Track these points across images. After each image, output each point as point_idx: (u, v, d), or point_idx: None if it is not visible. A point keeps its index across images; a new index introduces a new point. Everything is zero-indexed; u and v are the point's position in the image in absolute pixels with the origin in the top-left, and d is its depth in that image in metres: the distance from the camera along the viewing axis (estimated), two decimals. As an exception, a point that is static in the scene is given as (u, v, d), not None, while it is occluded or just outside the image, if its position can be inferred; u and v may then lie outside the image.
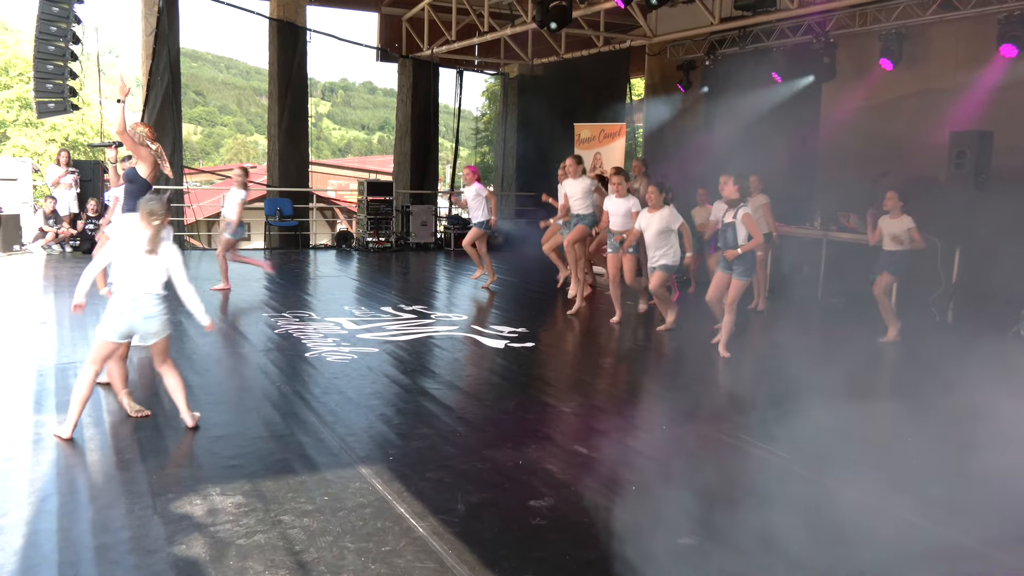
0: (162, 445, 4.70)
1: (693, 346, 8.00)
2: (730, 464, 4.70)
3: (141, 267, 4.79)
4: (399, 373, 6.51)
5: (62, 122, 31.76)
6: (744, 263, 7.16)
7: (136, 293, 4.78)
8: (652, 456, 4.76)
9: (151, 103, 14.20)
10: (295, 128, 15.83)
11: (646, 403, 5.87)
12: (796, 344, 7.59)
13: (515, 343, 7.69)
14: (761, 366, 7.01)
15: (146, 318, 4.79)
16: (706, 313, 9.12)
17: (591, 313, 9.66)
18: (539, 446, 4.88)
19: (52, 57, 12.37)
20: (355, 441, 4.89)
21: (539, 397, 5.96)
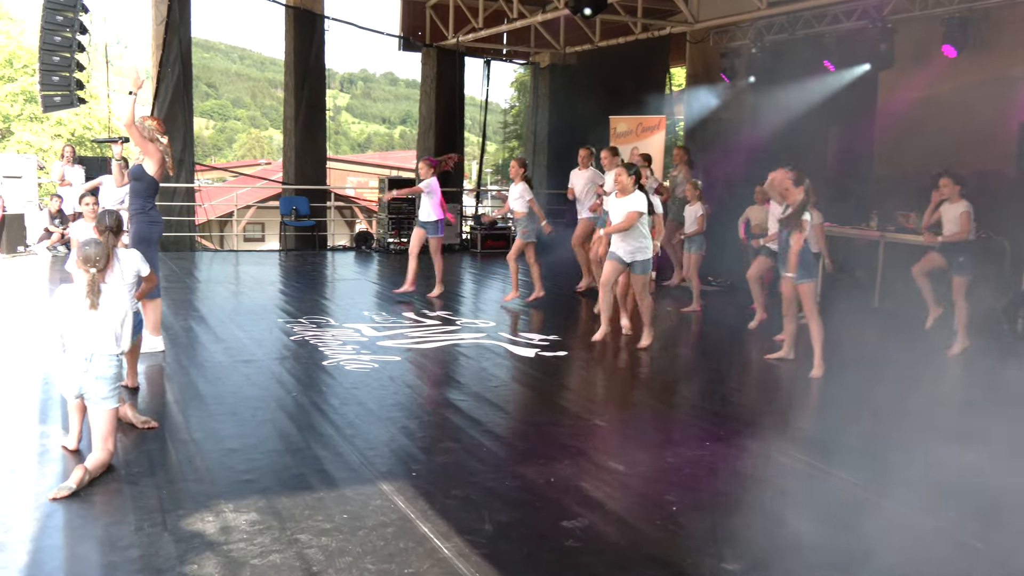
0: (171, 458, 4.76)
1: (740, 355, 7.94)
2: (780, 483, 4.65)
3: (88, 324, 4.54)
4: (422, 383, 6.53)
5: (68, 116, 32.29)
6: (803, 265, 6.99)
7: (89, 352, 4.54)
8: (694, 474, 4.73)
9: (161, 96, 14.39)
10: (312, 122, 15.97)
11: (688, 417, 5.84)
12: (848, 355, 7.50)
13: (546, 352, 7.69)
14: (808, 378, 6.94)
15: (98, 379, 4.55)
16: (758, 325, 9.05)
17: (632, 319, 9.63)
18: (572, 462, 4.87)
19: (58, 48, 12.58)
20: (376, 456, 4.91)
21: (572, 410, 5.95)
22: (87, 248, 4.57)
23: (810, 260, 7.04)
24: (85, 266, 4.53)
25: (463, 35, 16.30)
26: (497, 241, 16.43)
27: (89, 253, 4.56)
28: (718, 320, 9.52)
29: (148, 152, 7.03)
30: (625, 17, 14.92)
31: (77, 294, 4.54)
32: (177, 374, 6.61)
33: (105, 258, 4.60)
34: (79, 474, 4.23)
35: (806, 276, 6.97)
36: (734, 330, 8.95)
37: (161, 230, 7.31)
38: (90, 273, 4.53)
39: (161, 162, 7.10)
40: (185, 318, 8.68)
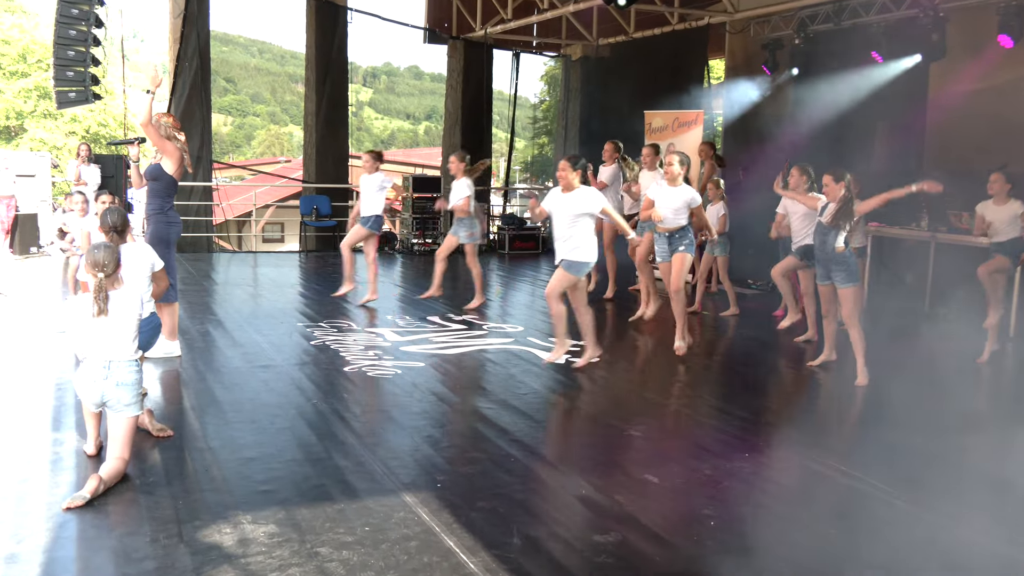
0: (188, 467, 4.80)
1: (780, 361, 7.88)
2: (823, 498, 4.61)
3: (102, 331, 4.60)
4: (447, 390, 6.54)
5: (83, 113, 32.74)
6: (846, 268, 6.86)
7: (107, 360, 4.60)
8: (733, 487, 4.70)
9: (178, 91, 14.55)
10: (334, 118, 16.07)
11: (726, 426, 5.80)
12: (896, 363, 7.42)
13: (578, 357, 7.67)
14: (852, 385, 6.86)
15: (119, 386, 4.61)
16: (792, 328, 8.98)
17: (665, 324, 9.59)
18: (605, 473, 4.85)
19: (73, 42, 12.76)
20: (399, 466, 4.93)
21: (604, 418, 5.93)
22: (96, 252, 4.60)
23: (853, 263, 6.91)
24: (93, 271, 4.56)
25: (491, 27, 16.33)
26: (526, 242, 16.44)
27: (98, 257, 4.58)
28: (757, 325, 9.45)
29: (166, 151, 7.12)
30: (661, 7, 14.88)
31: (87, 301, 4.60)
32: (193, 380, 6.67)
33: (114, 263, 4.62)
34: (93, 483, 4.28)
35: (849, 280, 6.86)
36: (773, 335, 8.88)
37: (179, 231, 7.39)
38: (97, 278, 4.56)
39: (180, 160, 7.18)
40: (202, 322, 8.76)
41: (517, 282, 12.60)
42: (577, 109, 18.13)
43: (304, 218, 15.62)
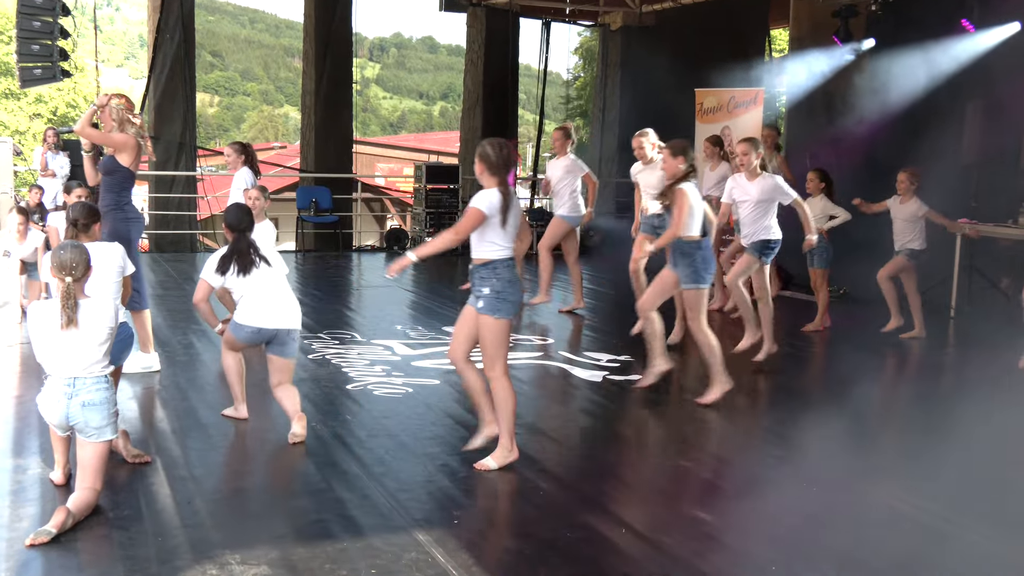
0: (168, 499, 4.83)
1: (847, 381, 7.83)
2: (901, 540, 4.57)
3: (68, 344, 4.58)
4: (466, 412, 6.55)
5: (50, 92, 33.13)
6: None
7: (70, 377, 4.60)
8: (798, 526, 4.67)
9: (158, 67, 14.69)
10: (336, 97, 16.15)
11: (790, 455, 5.77)
12: (989, 383, 7.35)
13: (616, 375, 7.66)
14: (938, 408, 6.80)
15: (87, 407, 4.60)
16: (868, 339, 8.92)
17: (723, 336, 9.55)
18: (649, 510, 4.83)
19: (39, 11, 12.89)
20: (410, 499, 4.93)
21: (648, 446, 5.92)
22: (62, 253, 4.60)
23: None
24: (59, 274, 4.56)
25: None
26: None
27: (64, 259, 4.57)
28: (830, 336, 9.40)
29: (116, 143, 7.16)
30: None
31: (52, 309, 4.60)
32: (174, 398, 6.71)
33: (84, 265, 4.63)
34: (60, 517, 4.31)
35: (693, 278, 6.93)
36: (847, 348, 8.81)
37: (141, 228, 7.47)
38: (64, 283, 4.55)
39: (136, 150, 7.23)
40: (184, 332, 8.83)
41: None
42: (616, 87, 18.12)
43: (301, 212, 15.68)
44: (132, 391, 6.79)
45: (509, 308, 5.27)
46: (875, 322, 9.59)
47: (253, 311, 5.88)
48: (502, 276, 5.24)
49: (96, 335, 4.62)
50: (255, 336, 5.94)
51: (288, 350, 5.97)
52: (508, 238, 5.26)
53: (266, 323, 5.87)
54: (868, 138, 12.65)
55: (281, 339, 5.94)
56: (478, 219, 5.16)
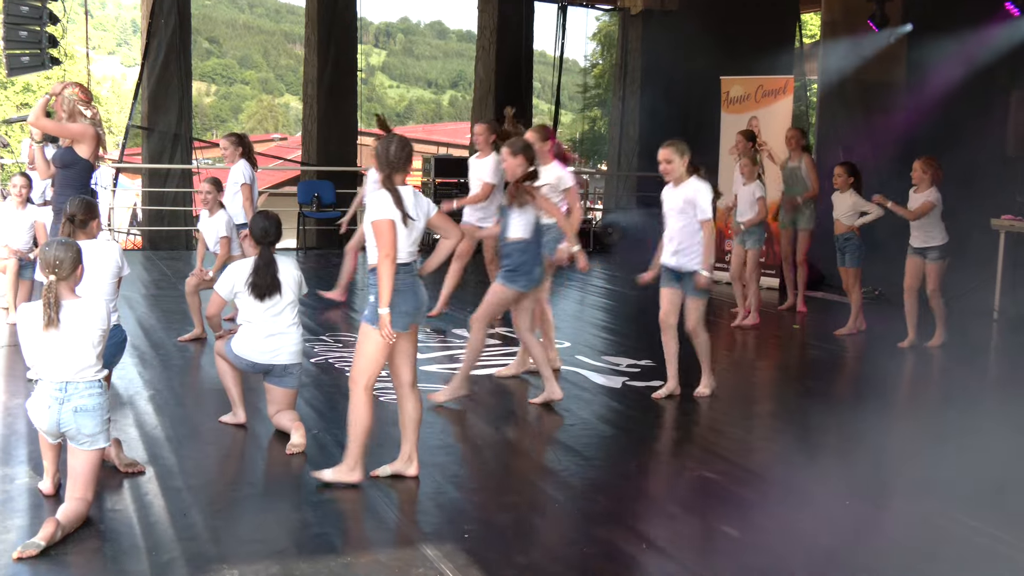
0: (163, 511, 4.85)
1: (881, 388, 7.81)
2: (944, 562, 4.55)
3: (56, 346, 4.59)
4: (478, 419, 6.55)
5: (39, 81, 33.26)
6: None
7: (62, 381, 4.61)
8: (831, 545, 4.66)
9: (152, 55, 14.73)
10: (340, 86, 16.18)
11: (823, 466, 5.75)
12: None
13: (637, 381, 7.65)
14: (978, 417, 6.77)
15: (79, 412, 4.61)
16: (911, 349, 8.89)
17: (747, 340, 9.54)
18: (670, 525, 4.83)
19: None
20: (418, 512, 4.94)
21: (670, 456, 5.90)
22: (47, 250, 4.61)
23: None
24: (45, 271, 4.58)
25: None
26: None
27: (48, 256, 4.59)
28: (864, 340, 9.37)
29: (73, 134, 7.18)
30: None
31: (38, 310, 4.60)
32: (169, 404, 6.73)
33: (71, 262, 4.63)
34: (49, 529, 4.33)
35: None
36: (881, 353, 8.78)
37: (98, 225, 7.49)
38: (48, 281, 4.55)
39: (95, 139, 7.26)
40: (179, 334, 8.84)
41: (563, 287, 12.59)
42: (637, 75, 18.10)
43: (303, 208, 15.71)
44: (124, 396, 6.82)
45: (393, 319, 5.03)
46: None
47: (250, 342, 5.94)
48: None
49: (85, 337, 4.63)
50: (250, 367, 6.01)
51: (286, 382, 6.00)
52: (402, 242, 5.07)
53: (262, 358, 5.94)
54: (905, 129, 12.61)
55: (278, 372, 5.98)
56: (390, 229, 5.00)
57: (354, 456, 5.19)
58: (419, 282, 5.23)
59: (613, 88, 19.90)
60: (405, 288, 5.12)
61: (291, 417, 5.89)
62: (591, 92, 38.62)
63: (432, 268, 5.43)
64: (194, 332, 8.71)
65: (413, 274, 5.20)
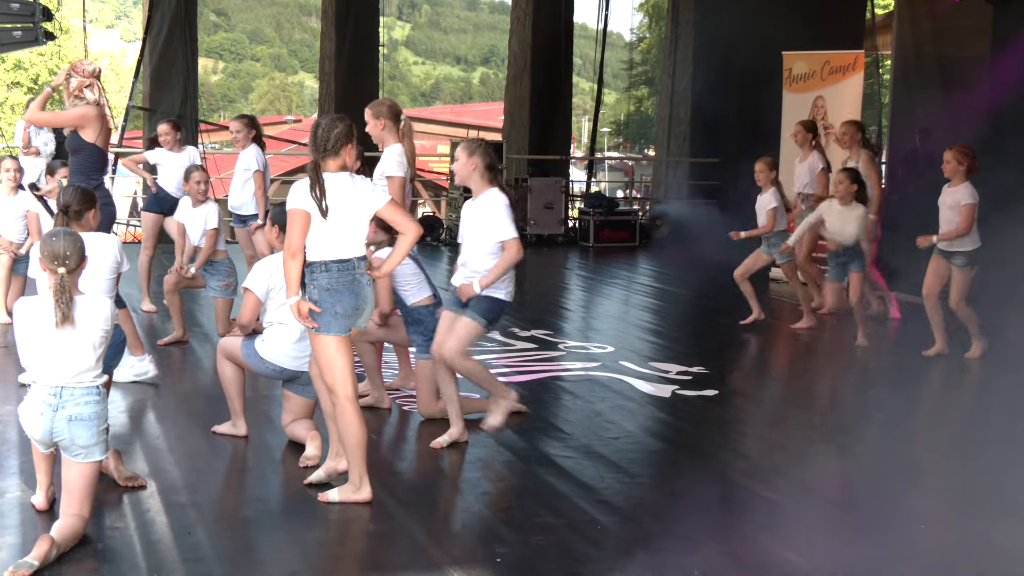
0: (166, 529, 4.87)
1: (955, 402, 7.75)
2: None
3: (57, 347, 4.63)
4: (511, 431, 6.55)
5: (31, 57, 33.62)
6: None
7: (56, 387, 4.64)
8: (906, 572, 4.63)
9: (154, 29, 14.85)
10: (360, 63, 16.24)
11: (893, 485, 5.71)
12: None
13: (687, 390, 7.62)
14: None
15: (74, 421, 4.64)
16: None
17: (809, 345, 9.49)
18: (727, 549, 4.80)
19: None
20: (445, 532, 4.94)
21: (726, 473, 5.87)
22: (54, 241, 4.64)
23: None
24: (51, 265, 4.59)
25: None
26: (619, 231, 16.41)
27: (56, 247, 4.61)
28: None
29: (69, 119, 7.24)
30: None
31: (43, 306, 4.64)
32: (171, 411, 6.78)
33: (78, 255, 4.67)
34: (43, 547, 4.37)
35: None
36: (953, 362, 8.72)
37: (112, 215, 7.55)
38: (58, 275, 4.58)
39: (99, 120, 7.31)
40: (188, 337, 8.90)
41: (606, 285, 12.58)
42: (689, 50, 18.02)
43: (319, 197, 15.79)
44: (124, 403, 6.87)
45: (328, 322, 5.04)
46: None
47: (280, 346, 5.95)
48: (319, 282, 5.09)
49: (87, 338, 4.66)
50: (277, 373, 6.02)
51: (309, 391, 6.01)
52: (335, 236, 5.05)
53: (292, 364, 5.96)
54: (989, 109, 12.48)
55: (304, 380, 6.00)
56: (301, 220, 4.99)
57: (357, 473, 5.19)
58: (362, 282, 5.15)
59: (662, 65, 19.85)
60: (342, 287, 5.08)
61: (307, 426, 5.92)
62: (638, 69, 38.58)
63: (388, 270, 5.35)
64: (174, 335, 8.75)
65: (353, 272, 5.12)
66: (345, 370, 5.12)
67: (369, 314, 5.31)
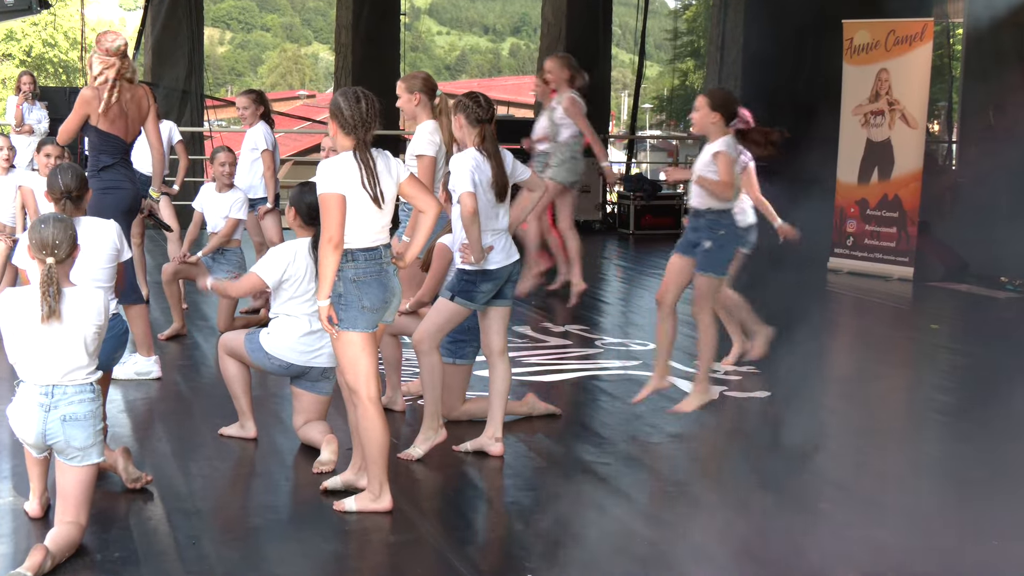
0: (169, 539, 4.90)
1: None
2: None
3: (47, 343, 4.64)
4: (544, 436, 6.55)
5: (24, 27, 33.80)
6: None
7: (48, 385, 4.65)
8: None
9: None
10: (379, 33, 16.25)
11: (960, 502, 5.68)
12: None
13: (737, 391, 7.61)
14: None
15: (68, 422, 4.65)
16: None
17: (871, 345, 9.45)
18: (781, 570, 4.79)
19: (11, -74, 13.13)
20: (474, 547, 4.95)
21: (784, 485, 5.85)
22: (43, 228, 4.62)
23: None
24: (40, 254, 4.59)
25: None
26: (662, 216, 16.38)
27: (45, 235, 4.60)
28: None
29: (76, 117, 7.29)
30: None
31: (28, 299, 4.64)
32: (176, 412, 6.81)
33: (69, 243, 4.67)
34: (37, 557, 4.39)
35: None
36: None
37: (124, 199, 7.53)
38: (46, 265, 4.58)
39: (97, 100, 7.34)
40: (188, 330, 8.94)
41: (648, 277, 12.57)
42: (740, 18, 17.94)
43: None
44: (123, 402, 6.91)
45: (354, 317, 5.05)
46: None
47: (285, 340, 5.96)
48: (344, 274, 5.06)
49: (81, 333, 4.67)
50: (283, 370, 6.04)
51: (321, 387, 6.04)
52: (364, 221, 5.05)
53: (300, 359, 5.97)
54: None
55: (313, 376, 6.03)
56: (338, 206, 4.97)
57: (377, 480, 5.19)
58: (389, 272, 5.16)
59: (709, 34, 19.79)
60: (370, 279, 5.08)
61: (322, 429, 5.93)
62: (682, 39, 38.42)
63: (413, 256, 5.38)
64: (173, 328, 8.77)
65: (381, 261, 5.12)
66: (369, 369, 5.12)
67: (396, 307, 5.32)
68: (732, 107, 6.75)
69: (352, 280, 5.03)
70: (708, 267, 6.73)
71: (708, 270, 6.74)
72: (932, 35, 12.89)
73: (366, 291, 5.04)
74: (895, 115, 11.01)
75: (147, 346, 7.41)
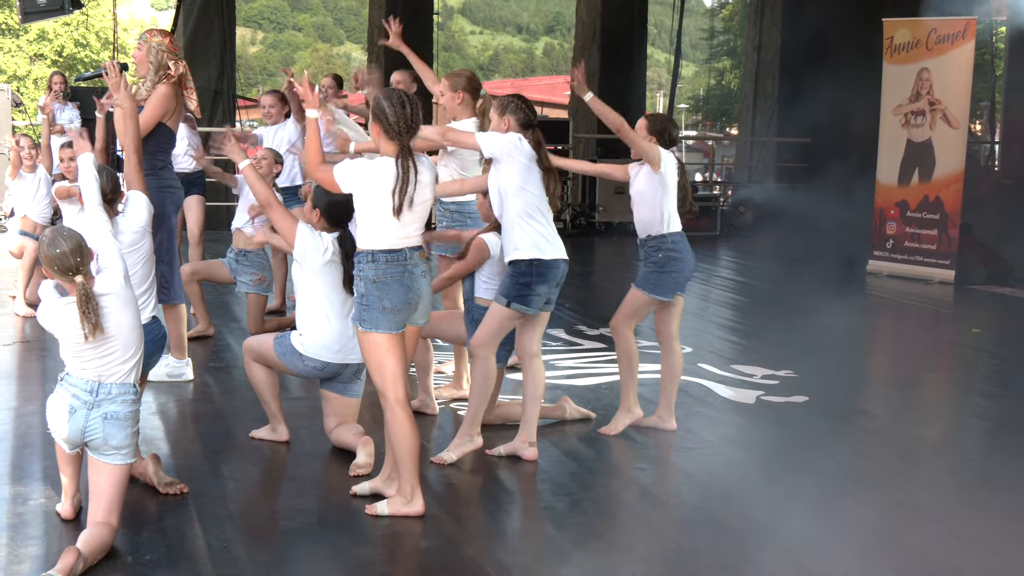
0: (201, 542, 4.92)
1: None
2: None
3: (91, 350, 4.71)
4: (577, 440, 6.54)
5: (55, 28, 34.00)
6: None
7: (94, 382, 4.73)
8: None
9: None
10: (411, 33, 16.09)
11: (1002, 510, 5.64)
12: None
13: (774, 395, 7.58)
14: None
15: (108, 420, 4.72)
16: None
17: (912, 347, 9.40)
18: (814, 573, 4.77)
19: (44, -74, 13.21)
20: (507, 553, 4.96)
21: (818, 489, 5.82)
22: (56, 252, 4.54)
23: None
24: (66, 278, 4.57)
25: None
26: (697, 218, 16.29)
27: (65, 260, 4.54)
28: None
29: (149, 118, 7.30)
30: None
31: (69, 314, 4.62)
32: (208, 414, 6.84)
33: (83, 251, 4.62)
34: (69, 560, 4.42)
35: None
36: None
37: (179, 199, 7.59)
38: (77, 284, 4.56)
39: (173, 100, 7.36)
40: (219, 330, 8.98)
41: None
42: (778, 17, 17.91)
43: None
44: (155, 404, 6.94)
45: (376, 318, 5.07)
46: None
47: (319, 337, 5.95)
48: (364, 274, 5.08)
49: (126, 325, 4.75)
50: (318, 371, 6.03)
51: (352, 389, 6.05)
52: (388, 225, 5.04)
53: (334, 357, 5.97)
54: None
55: (346, 377, 6.04)
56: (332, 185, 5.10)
57: (409, 483, 5.19)
58: (416, 273, 5.15)
59: (747, 34, 19.73)
60: (391, 280, 5.08)
61: (356, 431, 5.94)
62: (719, 39, 38.32)
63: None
64: (199, 328, 8.77)
65: (404, 263, 5.11)
66: (396, 371, 5.13)
67: (428, 309, 5.32)
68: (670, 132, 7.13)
69: (372, 280, 5.06)
70: (643, 284, 6.90)
71: (642, 287, 6.87)
72: (975, 33, 12.81)
73: (387, 292, 5.06)
74: (936, 115, 10.94)
75: (181, 348, 7.45)
